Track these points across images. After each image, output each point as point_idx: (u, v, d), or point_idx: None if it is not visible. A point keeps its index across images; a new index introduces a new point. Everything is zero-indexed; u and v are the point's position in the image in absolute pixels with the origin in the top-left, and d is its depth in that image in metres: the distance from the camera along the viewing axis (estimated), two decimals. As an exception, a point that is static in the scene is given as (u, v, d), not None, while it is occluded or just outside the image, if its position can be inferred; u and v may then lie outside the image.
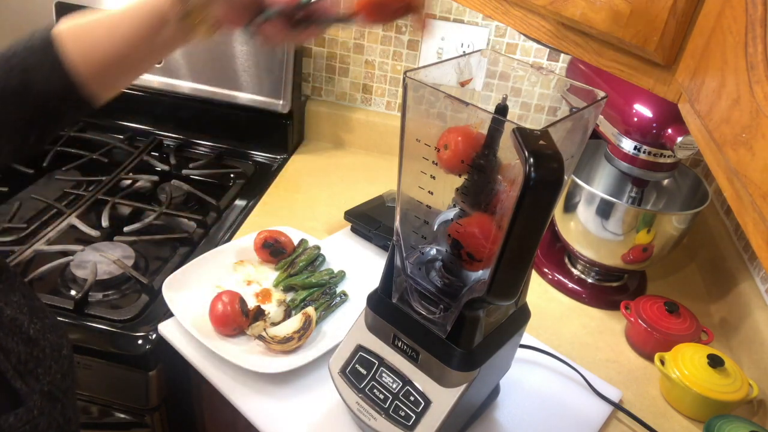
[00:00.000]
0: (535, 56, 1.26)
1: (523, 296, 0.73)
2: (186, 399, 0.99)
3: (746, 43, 0.43)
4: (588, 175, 1.10)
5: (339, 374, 0.73)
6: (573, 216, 0.99)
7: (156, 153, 1.33)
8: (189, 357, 0.83)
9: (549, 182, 0.49)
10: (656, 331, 0.91)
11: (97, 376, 0.89)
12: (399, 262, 0.68)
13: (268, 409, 0.78)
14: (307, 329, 0.84)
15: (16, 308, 0.49)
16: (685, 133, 0.84)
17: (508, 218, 0.51)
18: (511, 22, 0.74)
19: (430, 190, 0.63)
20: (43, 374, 0.47)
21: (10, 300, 0.49)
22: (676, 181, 1.05)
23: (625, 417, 0.83)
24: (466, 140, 0.59)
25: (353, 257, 1.04)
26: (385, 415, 0.68)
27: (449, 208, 0.64)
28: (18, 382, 0.44)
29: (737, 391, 0.82)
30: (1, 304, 0.48)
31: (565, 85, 0.70)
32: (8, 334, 0.46)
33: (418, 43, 1.29)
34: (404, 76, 0.58)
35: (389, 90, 1.37)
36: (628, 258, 0.97)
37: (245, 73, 1.27)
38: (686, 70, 0.55)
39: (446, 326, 0.65)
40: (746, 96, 0.42)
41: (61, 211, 1.09)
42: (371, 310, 0.71)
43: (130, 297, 0.94)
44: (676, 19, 0.55)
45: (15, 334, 0.47)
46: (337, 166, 1.36)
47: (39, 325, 0.50)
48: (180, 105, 1.34)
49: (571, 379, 0.87)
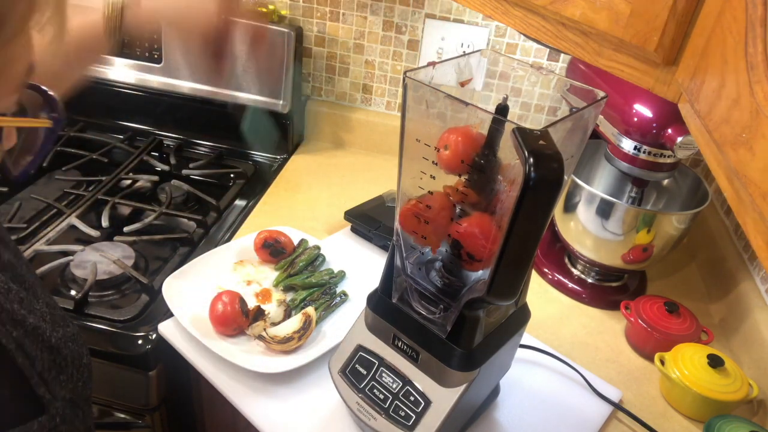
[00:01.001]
0: (535, 56, 1.26)
1: (523, 296, 0.73)
2: (186, 399, 0.99)
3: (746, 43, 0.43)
4: (588, 175, 1.10)
5: (339, 374, 0.73)
6: (573, 216, 0.99)
7: (156, 153, 1.33)
8: (189, 357, 0.83)
9: (549, 182, 0.49)
10: (656, 331, 0.91)
11: (97, 376, 0.88)
12: (399, 262, 0.68)
13: (268, 409, 0.78)
14: (307, 329, 0.84)
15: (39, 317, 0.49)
16: (685, 133, 0.84)
17: (508, 218, 0.51)
18: (511, 22, 0.74)
19: (430, 190, 0.63)
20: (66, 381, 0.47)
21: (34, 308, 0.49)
22: (676, 181, 1.05)
23: (625, 417, 0.83)
24: (466, 140, 0.59)
25: (353, 257, 1.04)
26: (385, 415, 0.68)
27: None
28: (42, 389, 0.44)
29: (737, 391, 0.82)
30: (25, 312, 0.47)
31: (565, 85, 0.70)
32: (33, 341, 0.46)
33: (418, 43, 1.29)
34: (404, 76, 0.58)
35: (389, 90, 1.37)
36: (628, 258, 0.97)
37: (245, 73, 1.27)
38: (686, 70, 0.55)
39: (446, 326, 0.65)
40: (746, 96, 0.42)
41: (61, 211, 1.09)
42: (371, 310, 0.71)
43: (130, 297, 0.94)
44: (676, 19, 0.55)
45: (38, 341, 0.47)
46: (337, 166, 1.36)
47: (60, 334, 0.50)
48: (180, 105, 1.34)
49: (571, 379, 0.87)
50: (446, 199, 0.62)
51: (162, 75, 1.30)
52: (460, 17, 1.25)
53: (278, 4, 1.31)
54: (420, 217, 0.64)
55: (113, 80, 1.33)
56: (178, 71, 1.29)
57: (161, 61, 1.29)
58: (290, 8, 1.31)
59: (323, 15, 1.31)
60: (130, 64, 1.30)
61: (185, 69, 1.29)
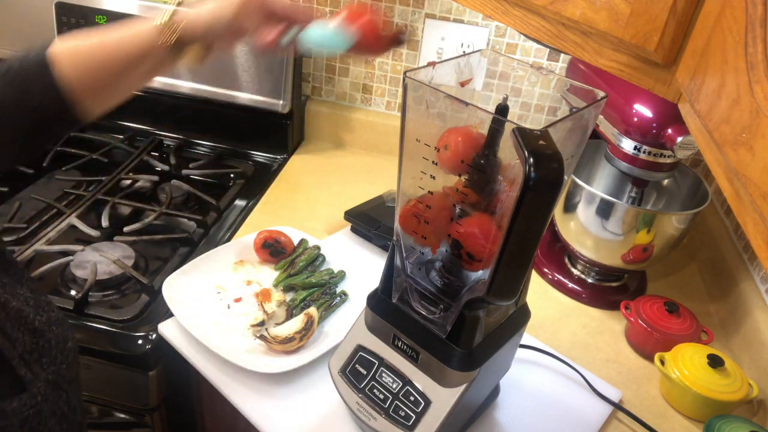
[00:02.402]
0: (535, 56, 1.26)
1: (523, 296, 0.73)
2: (186, 399, 0.99)
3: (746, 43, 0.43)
4: (588, 175, 1.10)
5: (339, 374, 0.73)
6: (573, 216, 0.99)
7: (156, 153, 1.33)
8: (189, 357, 0.83)
9: (549, 182, 0.49)
10: (656, 331, 0.91)
11: (97, 376, 0.89)
12: (399, 262, 0.68)
13: (268, 409, 0.78)
14: (309, 330, 0.84)
15: (23, 301, 0.51)
16: (685, 133, 0.84)
17: (508, 218, 0.51)
18: (511, 22, 0.74)
19: (430, 190, 0.63)
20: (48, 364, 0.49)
21: (17, 293, 0.51)
22: (676, 181, 1.05)
23: (625, 417, 0.83)
24: (466, 140, 0.59)
25: (353, 257, 1.04)
26: (385, 415, 0.68)
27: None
28: (23, 369, 0.46)
29: (737, 391, 0.82)
30: (8, 296, 0.49)
31: (565, 85, 0.70)
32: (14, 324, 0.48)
33: (418, 43, 1.29)
34: (404, 76, 0.58)
35: (389, 90, 1.37)
36: (628, 258, 0.97)
37: (245, 73, 1.27)
38: (686, 70, 0.55)
39: (446, 326, 0.65)
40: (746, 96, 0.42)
41: (61, 211, 1.09)
42: (371, 310, 0.71)
43: (130, 297, 0.94)
44: (676, 19, 0.55)
45: (21, 324, 0.49)
46: (337, 166, 1.36)
47: (44, 318, 0.52)
48: (180, 105, 1.34)
49: (571, 379, 0.87)
50: (446, 199, 0.62)
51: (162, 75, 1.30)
52: (460, 17, 1.25)
53: (278, 4, 1.31)
54: (420, 217, 0.64)
55: (113, 80, 1.33)
56: (178, 71, 1.29)
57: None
58: (290, 8, 1.31)
59: (323, 15, 1.30)
60: (130, 64, 1.30)
61: (185, 69, 1.29)
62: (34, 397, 0.46)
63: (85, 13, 1.27)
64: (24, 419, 0.44)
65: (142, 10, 1.25)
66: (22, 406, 0.44)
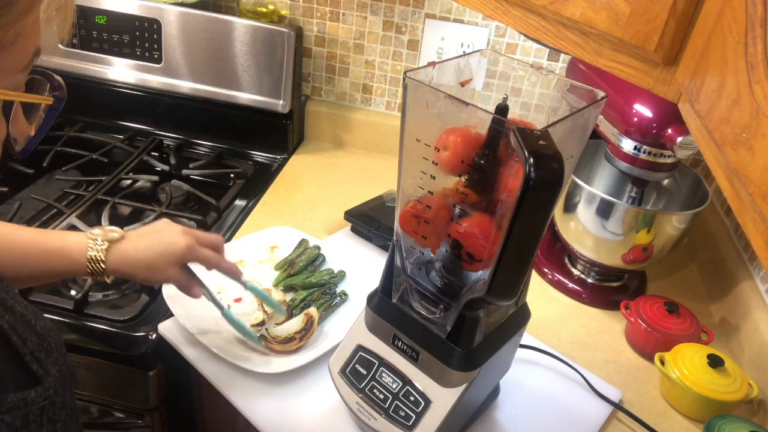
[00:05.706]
0: (535, 56, 1.26)
1: (523, 296, 0.73)
2: (186, 399, 0.99)
3: (746, 43, 0.43)
4: (588, 175, 1.10)
5: (339, 374, 0.73)
6: (573, 216, 0.99)
7: (156, 153, 1.33)
8: (189, 357, 0.83)
9: (549, 182, 0.49)
10: (656, 331, 0.91)
11: (97, 376, 0.89)
12: (399, 262, 0.68)
13: (268, 409, 0.78)
14: (309, 330, 0.84)
15: (23, 307, 0.53)
16: (685, 133, 0.84)
17: (508, 218, 0.51)
18: (511, 22, 0.74)
19: (430, 191, 0.63)
20: (53, 363, 0.51)
21: (18, 300, 0.54)
22: (676, 181, 1.05)
23: (625, 417, 0.83)
24: (465, 141, 0.59)
25: (353, 257, 1.04)
26: (385, 415, 0.68)
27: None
28: (35, 365, 0.49)
29: (737, 391, 0.82)
30: (12, 302, 0.52)
31: (565, 85, 0.70)
32: (22, 326, 0.51)
33: (418, 43, 1.29)
34: (404, 76, 0.58)
35: (389, 90, 1.37)
36: (628, 258, 0.97)
37: (245, 73, 1.27)
38: (686, 70, 0.55)
39: (446, 326, 0.65)
40: (746, 96, 0.42)
41: (61, 211, 1.09)
42: (371, 310, 0.71)
43: (130, 297, 0.94)
44: (676, 19, 0.55)
45: (27, 327, 0.51)
46: (337, 166, 1.36)
47: (42, 324, 0.54)
48: (180, 105, 1.34)
49: (571, 379, 0.87)
50: (446, 200, 0.62)
51: (162, 75, 1.30)
52: (460, 17, 1.25)
53: (278, 4, 1.31)
54: (420, 217, 0.64)
55: (113, 80, 1.33)
56: (178, 71, 1.29)
57: (161, 61, 1.29)
58: (290, 8, 1.31)
59: (323, 15, 1.31)
60: (130, 64, 1.30)
61: (185, 69, 1.29)
62: (47, 390, 0.48)
63: (85, 13, 1.27)
64: (41, 408, 0.46)
65: (142, 10, 1.25)
66: (38, 397, 0.46)
